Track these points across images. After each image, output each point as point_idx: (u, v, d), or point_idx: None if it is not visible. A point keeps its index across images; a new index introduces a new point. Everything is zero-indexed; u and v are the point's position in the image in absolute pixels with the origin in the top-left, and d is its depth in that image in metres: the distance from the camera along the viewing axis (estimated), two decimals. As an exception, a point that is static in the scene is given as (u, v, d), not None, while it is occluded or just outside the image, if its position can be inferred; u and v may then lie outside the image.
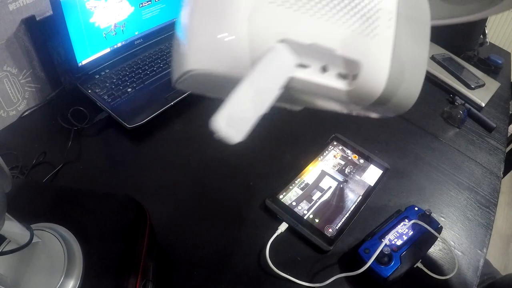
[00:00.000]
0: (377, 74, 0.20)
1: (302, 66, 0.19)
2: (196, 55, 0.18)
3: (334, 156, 0.71)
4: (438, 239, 0.61)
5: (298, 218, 0.60)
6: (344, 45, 0.19)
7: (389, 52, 0.20)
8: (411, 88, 0.21)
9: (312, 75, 0.19)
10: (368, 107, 0.22)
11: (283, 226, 0.59)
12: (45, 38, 0.70)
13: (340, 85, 0.20)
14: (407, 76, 0.21)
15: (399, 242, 0.57)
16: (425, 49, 0.21)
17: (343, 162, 0.70)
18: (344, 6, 0.18)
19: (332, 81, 0.20)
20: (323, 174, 0.67)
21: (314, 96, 0.21)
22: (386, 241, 0.55)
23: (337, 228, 0.60)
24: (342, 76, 0.20)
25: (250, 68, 0.17)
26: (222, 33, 0.17)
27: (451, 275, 0.58)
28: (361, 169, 0.70)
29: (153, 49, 0.85)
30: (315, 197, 0.63)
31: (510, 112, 1.06)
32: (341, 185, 0.66)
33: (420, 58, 0.21)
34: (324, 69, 0.20)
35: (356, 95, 0.20)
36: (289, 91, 0.19)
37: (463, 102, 0.95)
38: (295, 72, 0.19)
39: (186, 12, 0.18)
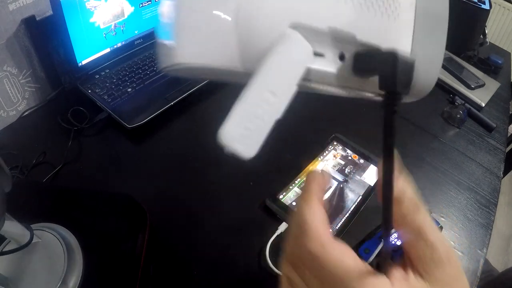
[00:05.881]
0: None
1: (317, 54, 0.16)
2: (184, 48, 0.15)
3: (334, 156, 0.71)
4: (438, 239, 0.61)
5: (298, 218, 0.60)
6: (364, 29, 0.16)
7: (410, 35, 0.18)
8: (430, 73, 0.20)
9: (329, 65, 0.17)
10: None
11: (283, 226, 0.59)
12: (45, 38, 0.70)
13: None
14: (426, 61, 0.19)
15: (399, 242, 0.57)
16: (443, 31, 0.20)
17: (343, 162, 0.70)
18: None
19: (349, 69, 0.17)
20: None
21: (328, 86, 0.18)
22: (386, 241, 0.55)
23: (337, 228, 0.60)
24: None
25: (256, 62, 0.14)
26: (216, 10, 0.14)
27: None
28: (361, 169, 0.70)
29: (153, 49, 0.85)
30: (315, 197, 0.63)
31: (510, 112, 1.06)
32: (341, 185, 0.66)
33: (437, 42, 0.20)
34: (341, 57, 0.17)
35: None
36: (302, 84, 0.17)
37: (463, 102, 0.95)
38: (312, 63, 0.16)
39: None
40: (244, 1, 0.14)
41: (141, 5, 0.79)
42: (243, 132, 0.14)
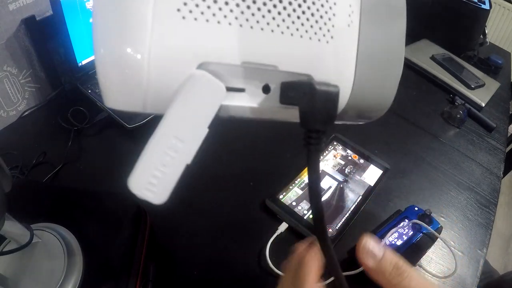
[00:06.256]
0: (338, 84, 0.15)
1: (236, 90, 0.15)
2: (108, 96, 0.15)
3: (334, 156, 0.71)
4: (438, 239, 0.61)
5: (298, 218, 0.60)
6: (288, 58, 0.14)
7: (352, 55, 0.15)
8: (383, 92, 0.17)
9: (250, 99, 0.15)
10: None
11: (283, 226, 0.59)
12: (45, 38, 0.70)
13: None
14: (378, 79, 0.17)
15: (399, 242, 0.57)
16: (401, 40, 0.17)
17: (343, 162, 0.70)
18: (280, 8, 0.14)
19: (276, 102, 0.15)
20: (323, 174, 0.67)
21: (262, 118, 0.17)
22: (386, 241, 0.55)
23: (337, 228, 0.60)
24: None
25: (167, 105, 0.14)
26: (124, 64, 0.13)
27: (451, 275, 0.58)
28: (361, 169, 0.70)
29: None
30: (315, 197, 0.63)
31: (510, 112, 1.06)
32: (341, 185, 0.66)
33: (394, 54, 0.17)
34: (265, 89, 0.15)
35: None
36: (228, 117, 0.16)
37: (463, 102, 0.95)
38: (227, 101, 0.15)
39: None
40: (148, 45, 0.13)
41: (141, 5, 0.79)
42: (151, 180, 0.15)
